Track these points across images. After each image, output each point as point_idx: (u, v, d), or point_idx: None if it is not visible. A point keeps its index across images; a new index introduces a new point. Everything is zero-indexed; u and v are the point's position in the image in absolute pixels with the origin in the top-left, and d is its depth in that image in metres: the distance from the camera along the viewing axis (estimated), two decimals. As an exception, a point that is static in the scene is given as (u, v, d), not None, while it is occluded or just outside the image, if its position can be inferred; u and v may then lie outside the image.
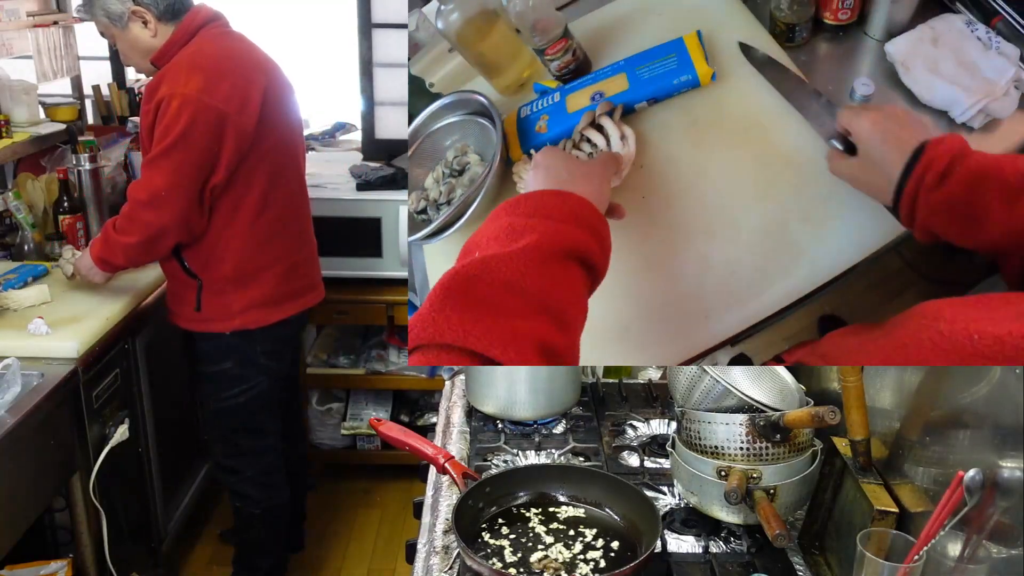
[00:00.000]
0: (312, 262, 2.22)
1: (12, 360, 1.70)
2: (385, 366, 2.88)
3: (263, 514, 2.24)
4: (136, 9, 1.91)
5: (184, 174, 1.87)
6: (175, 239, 1.94)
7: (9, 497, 1.63)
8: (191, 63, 1.90)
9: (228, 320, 2.04)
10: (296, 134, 2.14)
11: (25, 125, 2.60)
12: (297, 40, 3.36)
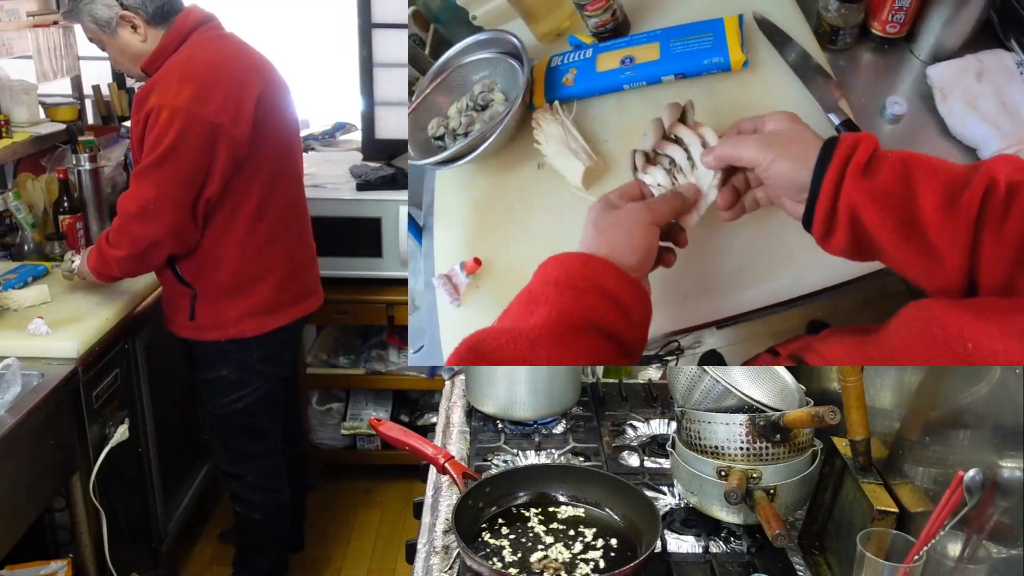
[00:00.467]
0: (310, 267, 2.19)
1: (12, 360, 1.70)
2: (385, 366, 2.88)
3: (263, 518, 2.23)
4: (124, 14, 1.86)
5: (174, 186, 1.83)
6: (167, 251, 1.92)
7: (9, 497, 1.63)
8: (182, 72, 1.85)
9: (224, 329, 2.02)
10: (293, 136, 2.11)
11: (25, 125, 2.60)
12: (297, 40, 3.36)
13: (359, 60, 2.98)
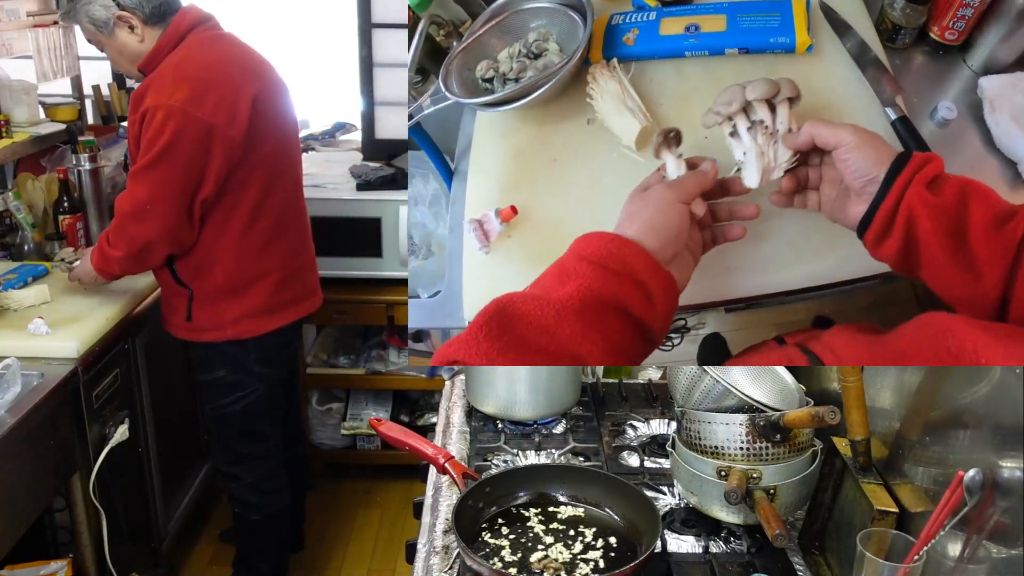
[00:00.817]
0: (309, 269, 2.18)
1: (12, 360, 1.70)
2: (385, 366, 2.88)
3: (263, 520, 2.22)
4: (121, 14, 1.86)
5: (169, 187, 1.83)
6: (164, 251, 1.91)
7: (9, 497, 1.63)
8: (177, 72, 1.85)
9: (220, 330, 2.01)
10: (291, 137, 2.09)
11: (25, 125, 2.60)
12: (297, 40, 3.36)
13: (359, 60, 2.98)
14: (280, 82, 2.05)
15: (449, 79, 1.40)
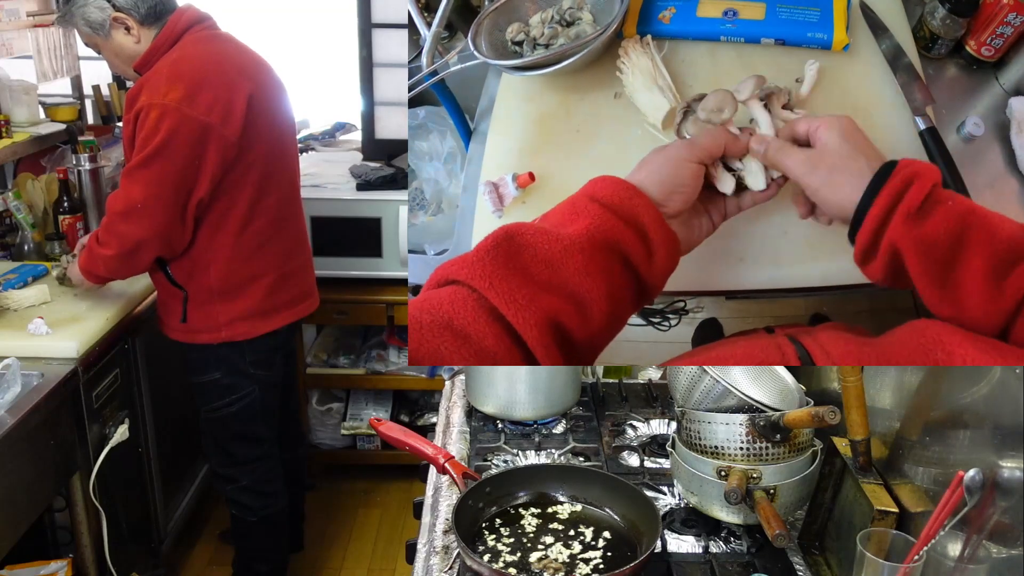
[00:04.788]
0: (306, 271, 2.16)
1: (12, 360, 1.70)
2: (385, 366, 2.88)
3: (260, 522, 2.21)
4: (117, 15, 1.85)
5: (162, 186, 1.81)
6: (154, 252, 1.89)
7: (9, 497, 1.63)
8: (172, 71, 1.83)
9: (215, 332, 2.00)
10: (288, 137, 2.07)
11: (25, 125, 2.60)
12: (297, 40, 3.36)
13: (359, 60, 2.98)
14: (277, 82, 2.04)
15: (479, 39, 1.38)
